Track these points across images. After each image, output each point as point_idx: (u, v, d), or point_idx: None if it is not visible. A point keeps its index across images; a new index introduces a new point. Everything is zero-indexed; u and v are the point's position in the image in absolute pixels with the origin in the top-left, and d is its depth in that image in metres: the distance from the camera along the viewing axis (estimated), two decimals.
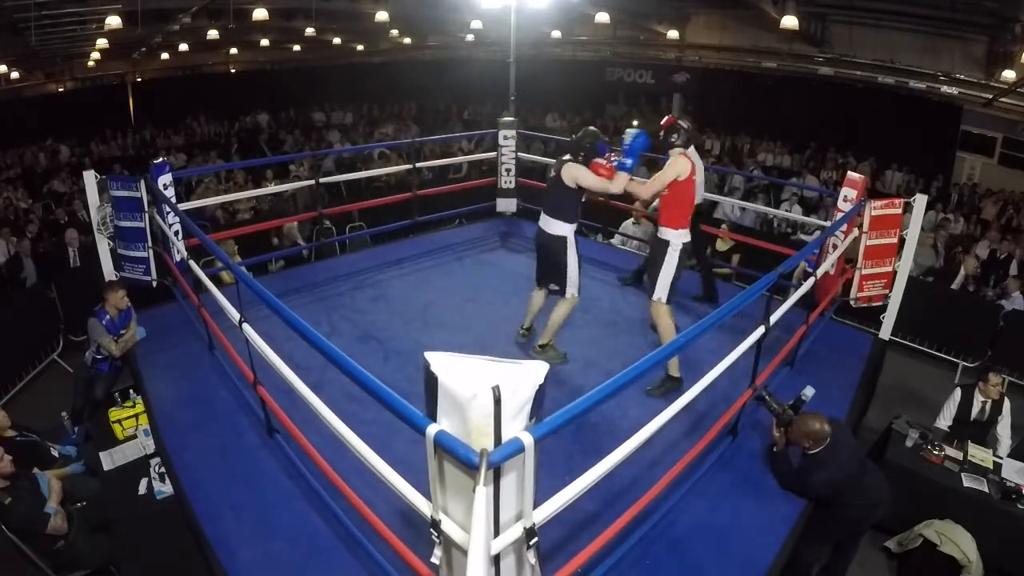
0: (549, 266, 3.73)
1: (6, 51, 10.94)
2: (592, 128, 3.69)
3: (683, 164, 3.54)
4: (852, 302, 4.52)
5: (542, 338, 3.86)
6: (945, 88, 10.53)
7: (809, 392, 3.15)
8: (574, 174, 3.49)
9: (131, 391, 4.08)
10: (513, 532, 1.63)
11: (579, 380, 3.69)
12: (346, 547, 2.56)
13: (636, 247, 6.38)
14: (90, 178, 4.25)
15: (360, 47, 18.04)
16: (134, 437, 3.78)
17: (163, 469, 3.30)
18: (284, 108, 16.86)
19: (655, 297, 3.60)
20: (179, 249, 4.23)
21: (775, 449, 3.01)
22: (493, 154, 6.23)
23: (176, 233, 4.31)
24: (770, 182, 10.11)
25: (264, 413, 3.10)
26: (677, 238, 3.56)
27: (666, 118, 3.79)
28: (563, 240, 3.59)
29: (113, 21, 9.41)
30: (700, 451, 2.81)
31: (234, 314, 2.90)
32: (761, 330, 2.91)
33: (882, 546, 3.79)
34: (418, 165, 6.33)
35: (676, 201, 3.57)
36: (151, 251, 4.40)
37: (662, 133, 3.78)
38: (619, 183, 3.51)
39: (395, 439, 2.20)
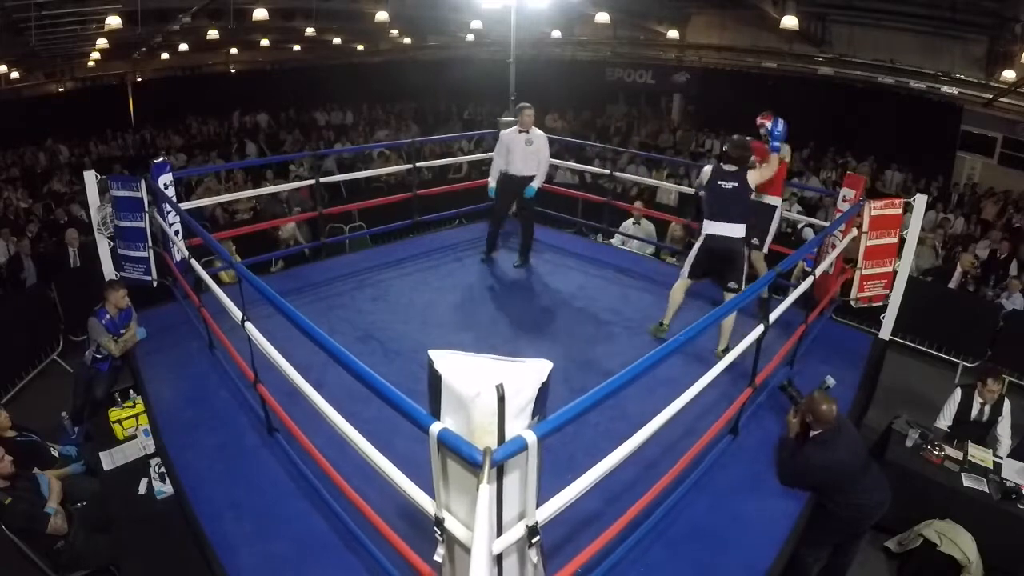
0: (727, 267, 3.95)
1: (6, 51, 10.95)
2: (737, 137, 4.04)
3: (786, 149, 4.32)
4: (852, 302, 4.51)
5: (723, 343, 3.92)
6: (945, 88, 10.54)
7: (831, 381, 3.19)
8: (755, 179, 3.90)
9: (131, 391, 4.08)
10: (516, 531, 1.63)
11: (579, 380, 3.69)
12: (347, 546, 2.56)
13: (636, 247, 6.39)
14: (90, 178, 4.25)
15: (360, 47, 18.06)
16: (134, 437, 3.77)
17: (163, 469, 3.30)
18: (284, 108, 16.86)
19: (766, 250, 4.40)
20: (179, 249, 4.23)
21: (785, 436, 3.01)
22: (493, 154, 6.22)
23: (176, 233, 4.31)
24: None
25: (264, 412, 3.10)
26: (779, 203, 4.37)
27: (766, 114, 4.35)
28: (745, 242, 3.92)
29: (113, 21, 9.43)
30: (700, 451, 2.81)
31: (236, 313, 2.90)
32: (760, 329, 2.92)
33: (882, 546, 3.79)
34: (418, 165, 6.32)
35: (780, 177, 4.28)
36: (151, 251, 4.40)
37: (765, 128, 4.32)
38: (774, 164, 4.05)
39: (397, 437, 2.20)
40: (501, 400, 1.42)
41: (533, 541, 1.65)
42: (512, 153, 5.08)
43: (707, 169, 3.99)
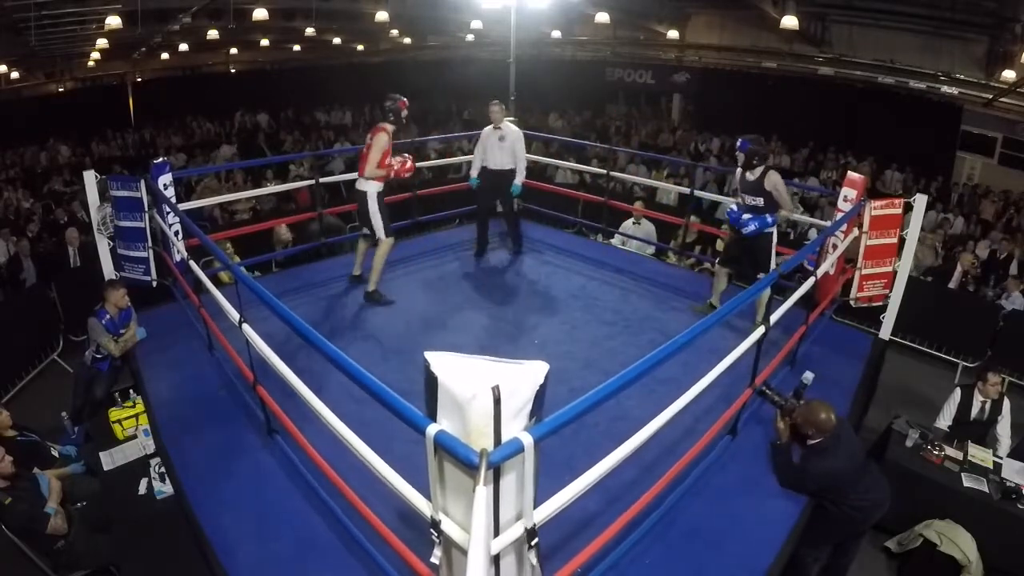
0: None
1: (6, 51, 10.95)
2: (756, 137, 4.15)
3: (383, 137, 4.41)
4: (852, 302, 4.52)
5: (760, 315, 4.11)
6: (945, 88, 10.54)
7: (809, 376, 3.17)
8: (774, 180, 4.00)
9: (131, 391, 4.08)
10: (513, 532, 1.63)
11: (579, 380, 3.69)
12: (346, 547, 2.56)
13: (636, 247, 6.39)
14: (90, 178, 4.25)
15: (360, 47, 18.05)
16: (134, 437, 3.77)
17: (163, 469, 3.30)
18: (284, 108, 16.87)
19: (381, 236, 4.53)
20: (179, 249, 4.23)
21: (777, 443, 3.02)
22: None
23: (176, 233, 4.31)
24: None
25: (264, 413, 3.10)
26: (372, 187, 4.45)
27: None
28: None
29: (113, 21, 9.43)
30: (700, 451, 2.81)
31: (234, 314, 2.90)
32: (761, 330, 2.92)
33: (882, 546, 3.79)
34: (418, 165, 6.31)
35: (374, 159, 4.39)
36: (151, 251, 4.40)
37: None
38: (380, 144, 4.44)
39: (395, 439, 2.19)
40: (497, 402, 1.42)
41: (531, 543, 1.65)
42: (488, 149, 5.33)
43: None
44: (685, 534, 2.68)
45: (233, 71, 17.91)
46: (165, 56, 15.59)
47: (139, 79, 16.08)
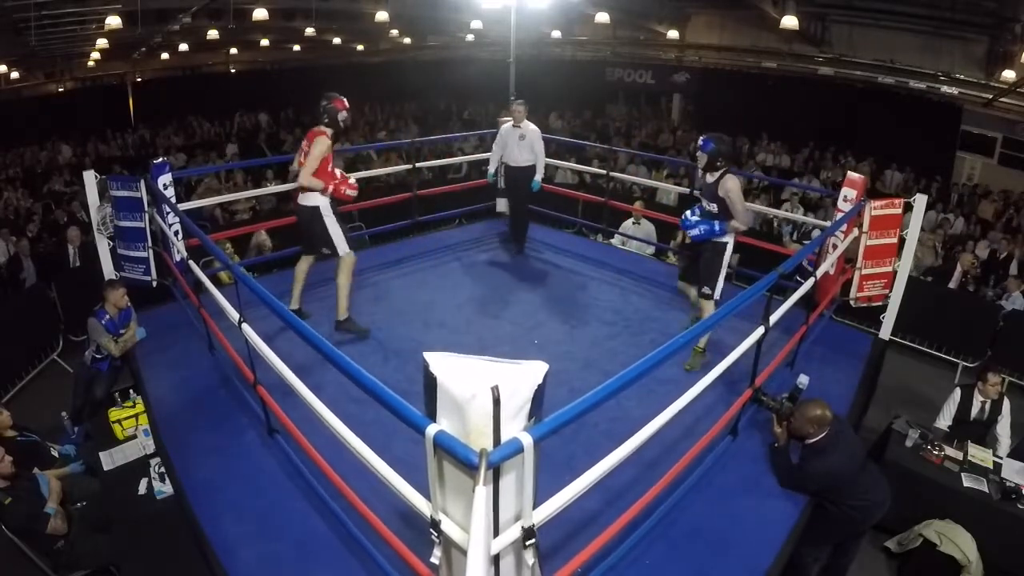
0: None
1: (6, 51, 10.95)
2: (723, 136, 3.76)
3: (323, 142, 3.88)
4: (852, 302, 4.52)
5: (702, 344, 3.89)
6: (945, 88, 10.53)
7: (804, 380, 3.16)
8: (728, 187, 3.57)
9: (131, 391, 4.08)
10: (512, 532, 1.63)
11: (579, 380, 3.69)
12: (346, 547, 2.56)
13: (636, 247, 6.39)
14: (90, 178, 4.25)
15: (360, 47, 18.06)
16: (134, 437, 3.78)
17: (163, 469, 3.30)
18: (284, 108, 16.87)
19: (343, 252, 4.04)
20: (179, 249, 4.23)
21: (776, 445, 3.02)
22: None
23: (176, 233, 4.31)
24: (770, 183, 10.10)
25: (264, 413, 3.09)
26: (321, 201, 3.94)
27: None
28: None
29: (113, 21, 9.43)
30: (700, 451, 2.81)
31: (233, 314, 2.90)
32: (761, 330, 2.92)
33: (882, 546, 3.79)
34: (418, 165, 6.32)
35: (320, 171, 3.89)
36: (151, 251, 4.40)
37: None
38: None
39: (395, 439, 2.20)
40: (496, 402, 1.42)
41: (529, 543, 1.65)
42: (508, 147, 5.41)
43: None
44: (686, 534, 2.68)
45: (233, 71, 17.92)
46: (165, 56, 15.59)
47: (139, 79, 16.09)
